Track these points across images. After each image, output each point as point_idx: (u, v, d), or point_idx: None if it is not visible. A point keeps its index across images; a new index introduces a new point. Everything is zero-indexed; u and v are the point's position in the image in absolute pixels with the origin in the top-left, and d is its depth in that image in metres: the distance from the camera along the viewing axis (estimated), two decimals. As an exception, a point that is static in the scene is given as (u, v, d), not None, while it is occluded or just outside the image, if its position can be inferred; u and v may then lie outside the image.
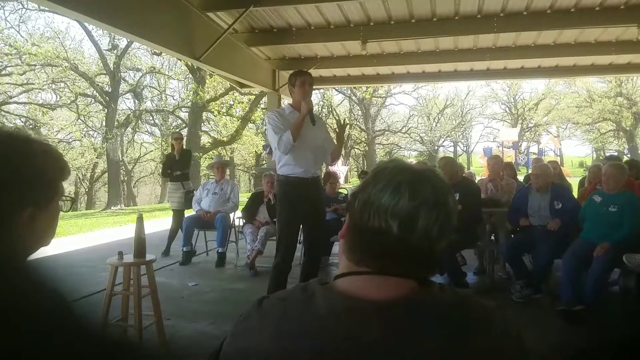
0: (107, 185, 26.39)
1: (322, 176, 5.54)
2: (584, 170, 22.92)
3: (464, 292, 0.87)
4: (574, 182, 8.34)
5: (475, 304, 0.85)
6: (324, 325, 0.79)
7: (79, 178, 33.99)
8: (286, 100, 9.12)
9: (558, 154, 37.82)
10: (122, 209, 20.15)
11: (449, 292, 0.85)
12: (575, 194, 6.01)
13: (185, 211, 6.70)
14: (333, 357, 0.76)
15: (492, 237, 5.56)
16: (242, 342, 0.83)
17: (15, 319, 0.70)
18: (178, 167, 6.78)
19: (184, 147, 7.15)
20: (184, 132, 25.99)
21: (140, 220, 3.47)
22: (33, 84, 24.84)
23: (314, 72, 8.43)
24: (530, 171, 8.46)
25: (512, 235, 5.23)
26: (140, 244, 3.38)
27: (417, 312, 0.79)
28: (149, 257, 3.45)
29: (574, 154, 47.57)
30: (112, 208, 21.36)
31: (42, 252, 0.92)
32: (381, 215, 0.83)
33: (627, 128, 34.48)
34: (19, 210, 0.87)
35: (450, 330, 0.77)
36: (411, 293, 0.82)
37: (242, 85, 9.13)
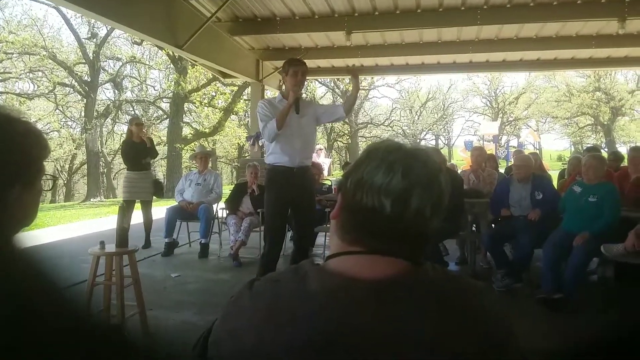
0: (86, 177, 25.98)
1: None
2: (562, 164, 23.31)
3: (455, 272, 0.88)
4: (553, 175, 8.47)
5: (466, 283, 0.86)
6: (317, 305, 0.78)
7: (57, 169, 33.41)
8: (269, 91, 9.08)
9: (537, 147, 38.33)
10: (102, 201, 19.89)
11: (440, 272, 0.85)
12: (555, 185, 6.11)
13: (162, 201, 6.56)
14: (327, 337, 0.76)
15: (474, 228, 5.63)
16: (234, 323, 0.83)
17: (5, 302, 0.68)
18: (149, 154, 6.47)
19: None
20: (165, 123, 25.74)
21: (122, 209, 3.43)
22: (10, 72, 24.26)
23: (298, 63, 8.44)
24: (510, 164, 8.57)
25: (493, 226, 5.30)
26: (122, 233, 3.34)
27: (410, 291, 0.79)
28: (131, 247, 3.41)
29: (553, 148, 48.34)
30: (91, 200, 21.05)
31: (21, 243, 0.91)
32: (374, 194, 0.83)
33: (605, 122, 35.10)
34: (7, 188, 0.86)
35: (444, 308, 0.78)
36: (404, 272, 0.82)
37: (225, 75, 9.06)
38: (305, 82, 4.01)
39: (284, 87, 3.89)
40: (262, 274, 2.87)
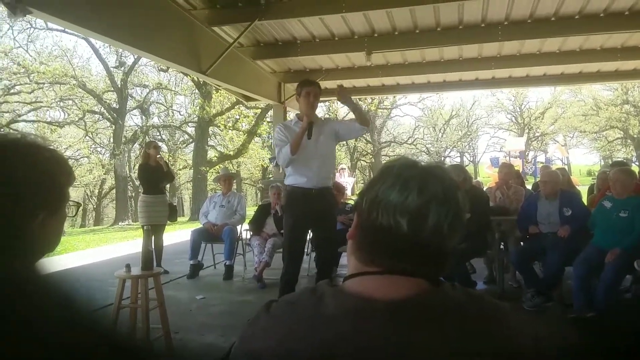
0: (114, 201, 26.50)
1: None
2: (592, 179, 22.78)
3: (477, 291, 0.86)
4: (582, 191, 8.27)
5: (488, 303, 0.82)
6: (335, 326, 0.77)
7: (87, 194, 34.19)
8: (291, 113, 9.16)
9: (565, 162, 37.63)
10: (130, 225, 20.20)
11: (461, 291, 0.83)
12: (584, 201, 5.97)
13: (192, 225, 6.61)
14: (343, 358, 0.75)
15: (502, 246, 5.51)
16: (252, 345, 0.82)
17: (25, 332, 0.69)
18: (166, 178, 6.47)
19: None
20: (191, 146, 26.15)
21: (147, 233, 3.48)
22: (41, 102, 25.11)
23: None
24: (537, 181, 8.42)
25: (522, 243, 5.18)
26: (147, 256, 3.38)
27: (428, 312, 0.77)
28: (156, 269, 3.44)
29: (582, 163, 47.32)
30: (119, 224, 21.42)
31: (50, 268, 0.92)
32: (390, 213, 0.82)
33: (635, 135, 34.27)
34: (32, 215, 0.88)
35: (463, 330, 0.76)
36: (422, 292, 0.80)
37: (248, 99, 9.18)
38: (327, 103, 4.01)
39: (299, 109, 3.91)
40: (281, 295, 2.86)
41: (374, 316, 0.77)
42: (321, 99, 3.92)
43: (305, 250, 4.41)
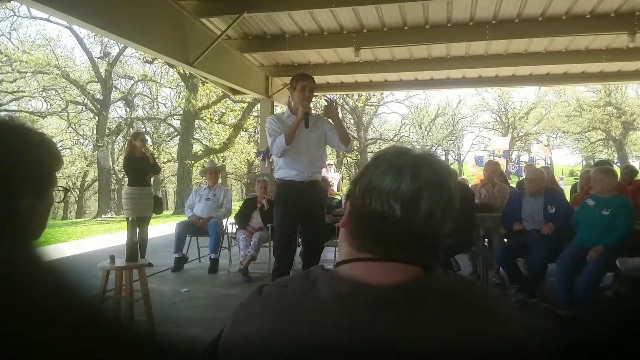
0: (97, 194, 26.21)
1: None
2: (574, 179, 23.09)
3: (469, 277, 0.86)
4: (566, 190, 8.38)
5: (480, 288, 0.84)
6: (327, 310, 0.77)
7: (69, 186, 33.73)
8: (278, 108, 9.14)
9: (548, 162, 38.11)
10: (113, 217, 20.00)
11: (453, 276, 0.84)
12: (568, 199, 6.05)
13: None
14: (336, 343, 0.74)
15: (486, 242, 5.57)
16: (244, 329, 0.82)
17: (22, 311, 0.67)
18: (152, 170, 6.36)
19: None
20: (176, 140, 25.96)
21: (132, 224, 3.44)
22: (24, 91, 24.70)
23: (307, 79, 8.49)
24: (522, 179, 8.51)
25: (506, 240, 5.24)
26: (132, 247, 3.35)
27: (421, 297, 0.78)
28: (141, 261, 3.41)
29: (565, 163, 47.97)
30: (102, 216, 21.19)
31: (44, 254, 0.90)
32: (383, 199, 0.82)
33: (617, 137, 34.83)
34: (18, 198, 0.86)
35: (456, 314, 0.76)
36: (415, 278, 0.80)
37: (235, 92, 9.13)
38: (314, 98, 4.00)
39: (292, 103, 3.91)
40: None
41: (367, 301, 0.77)
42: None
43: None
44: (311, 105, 3.87)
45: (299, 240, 4.12)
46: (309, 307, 0.79)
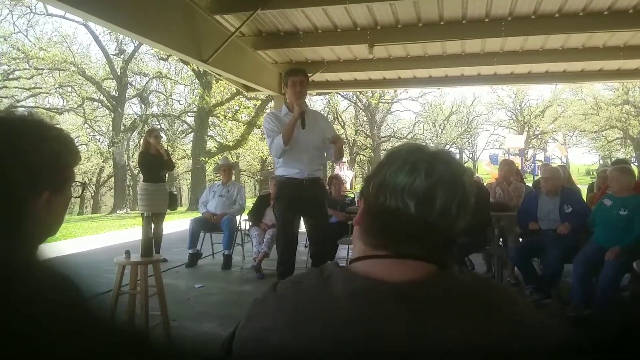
0: (113, 190, 26.49)
1: (326, 179, 5.50)
2: (590, 178, 22.80)
3: (484, 275, 0.85)
4: (582, 190, 8.28)
5: (496, 286, 0.83)
6: (342, 307, 0.77)
7: (85, 182, 34.12)
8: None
9: (565, 161, 37.68)
10: (128, 213, 20.20)
11: (469, 275, 0.83)
12: (584, 199, 5.97)
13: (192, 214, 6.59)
14: (351, 339, 0.74)
15: (501, 242, 5.51)
16: (258, 325, 0.82)
17: (28, 310, 0.68)
18: (166, 166, 6.43)
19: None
20: (190, 136, 26.11)
21: (147, 219, 3.47)
22: (40, 88, 25.03)
23: (321, 76, 8.48)
24: (537, 178, 8.41)
25: (521, 240, 5.19)
26: (147, 243, 3.38)
27: (436, 294, 0.77)
28: (156, 256, 3.44)
29: (581, 162, 47.40)
30: (117, 212, 21.42)
31: (48, 254, 0.91)
32: (398, 195, 0.81)
33: (635, 136, 34.31)
34: (37, 193, 0.87)
35: (471, 312, 0.76)
36: (431, 275, 0.80)
37: (249, 89, 9.14)
38: (328, 96, 3.97)
39: (287, 99, 3.89)
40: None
41: (382, 298, 0.77)
42: (323, 90, 3.91)
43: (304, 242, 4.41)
44: (323, 102, 3.85)
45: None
46: (323, 303, 0.78)
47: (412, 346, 0.73)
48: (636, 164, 31.36)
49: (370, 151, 35.73)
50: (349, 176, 11.75)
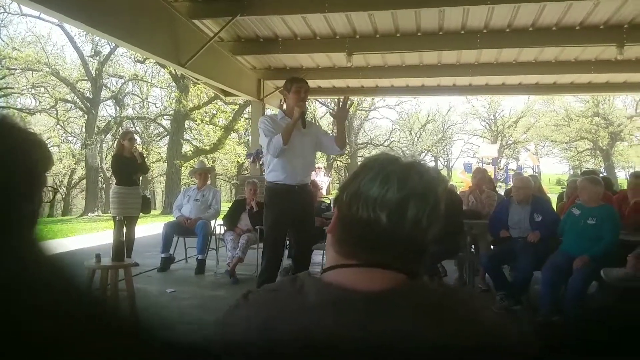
0: (84, 192, 25.97)
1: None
2: (561, 187, 23.29)
3: (453, 285, 0.87)
4: (552, 199, 8.47)
5: (465, 296, 0.85)
6: (313, 316, 0.78)
7: (56, 184, 33.36)
8: (269, 110, 9.13)
9: (537, 171, 38.41)
10: (100, 216, 19.82)
11: (438, 284, 0.85)
12: (554, 208, 6.10)
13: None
14: (321, 348, 0.75)
15: (473, 249, 5.61)
16: (231, 333, 0.82)
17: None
18: (140, 169, 6.35)
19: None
20: (166, 140, 25.82)
21: (119, 223, 3.43)
22: (12, 88, 24.43)
23: (298, 83, 8.50)
24: (509, 186, 8.57)
25: (492, 247, 5.28)
26: (118, 247, 3.34)
27: (406, 303, 0.78)
28: (127, 261, 3.40)
29: (552, 172, 48.43)
30: (89, 214, 21.00)
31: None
32: (370, 206, 0.82)
33: (604, 147, 35.22)
34: (9, 199, 0.86)
35: (439, 321, 0.77)
36: (400, 285, 0.81)
37: (227, 94, 9.12)
38: (307, 102, 3.99)
39: (284, 105, 3.91)
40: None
41: (352, 307, 0.78)
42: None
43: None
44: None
45: (287, 243, 4.11)
46: (296, 312, 0.79)
47: (380, 355, 0.74)
48: (605, 174, 32.19)
49: (347, 157, 35.88)
50: (326, 182, 11.73)
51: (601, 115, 34.40)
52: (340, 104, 3.76)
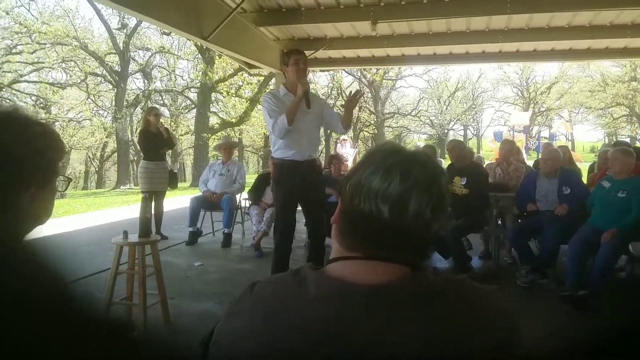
0: (116, 165, 26.56)
1: (325, 158, 5.49)
2: (594, 156, 22.66)
3: (458, 276, 0.86)
4: (584, 168, 8.25)
5: (468, 287, 0.83)
6: (315, 309, 0.78)
7: (89, 157, 34.26)
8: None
9: (570, 138, 37.40)
10: (131, 189, 20.30)
11: (442, 276, 0.83)
12: (584, 179, 5.95)
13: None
14: (323, 341, 0.75)
15: (499, 222, 5.53)
16: (234, 325, 0.84)
17: (10, 304, 0.69)
18: (167, 145, 6.46)
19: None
20: (193, 112, 26.03)
21: (145, 200, 3.49)
22: (43, 62, 24.88)
23: (323, 53, 8.38)
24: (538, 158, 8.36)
25: (519, 220, 5.20)
26: (145, 224, 3.40)
27: (408, 297, 0.78)
28: (153, 237, 3.47)
29: (586, 139, 47.12)
30: (121, 187, 21.52)
31: (51, 230, 0.92)
32: (372, 199, 0.82)
33: (641, 113, 33.99)
34: (22, 189, 0.88)
35: (441, 313, 0.76)
36: (402, 278, 0.80)
37: (251, 66, 9.05)
38: (332, 72, 3.94)
39: (286, 79, 3.86)
40: (275, 268, 2.89)
41: (353, 300, 0.78)
42: (326, 68, 3.89)
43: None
44: (327, 77, 3.83)
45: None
46: (298, 305, 0.80)
47: (382, 348, 0.74)
48: (642, 142, 31.12)
49: (374, 128, 35.57)
50: (352, 154, 11.69)
51: (639, 80, 33.02)
52: (351, 95, 3.74)
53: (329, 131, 19.36)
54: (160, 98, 29.57)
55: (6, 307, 0.68)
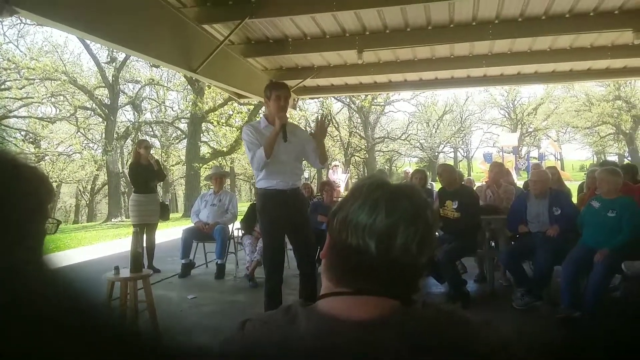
0: (107, 197, 26.41)
1: (317, 185, 5.50)
2: (584, 174, 22.90)
3: (449, 308, 0.85)
4: (574, 186, 8.32)
5: (459, 320, 0.82)
6: (306, 347, 0.78)
7: (80, 190, 34.05)
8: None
9: (558, 158, 37.74)
10: (123, 221, 20.14)
11: (431, 310, 0.83)
12: (575, 198, 6.00)
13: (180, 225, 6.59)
14: None
15: (492, 244, 5.54)
16: None
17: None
18: (157, 177, 6.43)
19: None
20: (184, 142, 26.07)
21: (136, 234, 3.47)
22: (32, 97, 24.92)
23: (312, 82, 8.50)
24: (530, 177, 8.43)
25: (512, 242, 5.21)
26: (136, 258, 3.38)
27: (397, 330, 0.78)
28: (145, 271, 3.44)
29: (575, 158, 47.60)
30: (112, 220, 21.35)
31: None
32: (359, 234, 0.82)
33: (627, 131, 34.45)
34: (20, 236, 0.88)
35: (432, 348, 0.76)
36: (392, 312, 0.80)
37: (240, 96, 9.13)
38: (321, 99, 3.97)
39: (267, 112, 3.85)
40: (267, 302, 2.84)
41: (343, 337, 0.78)
42: (314, 96, 3.91)
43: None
44: (317, 104, 3.86)
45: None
46: (288, 344, 0.79)
47: None
48: (629, 158, 31.51)
49: (365, 152, 35.77)
50: (344, 179, 11.72)
51: (623, 98, 33.65)
52: (318, 122, 3.75)
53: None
54: (151, 129, 29.64)
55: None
